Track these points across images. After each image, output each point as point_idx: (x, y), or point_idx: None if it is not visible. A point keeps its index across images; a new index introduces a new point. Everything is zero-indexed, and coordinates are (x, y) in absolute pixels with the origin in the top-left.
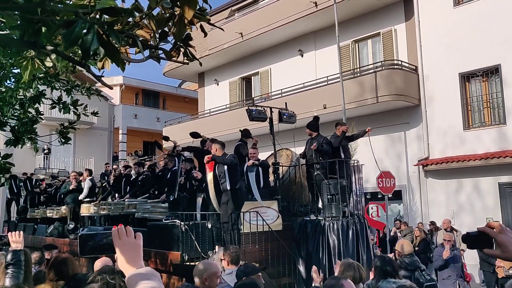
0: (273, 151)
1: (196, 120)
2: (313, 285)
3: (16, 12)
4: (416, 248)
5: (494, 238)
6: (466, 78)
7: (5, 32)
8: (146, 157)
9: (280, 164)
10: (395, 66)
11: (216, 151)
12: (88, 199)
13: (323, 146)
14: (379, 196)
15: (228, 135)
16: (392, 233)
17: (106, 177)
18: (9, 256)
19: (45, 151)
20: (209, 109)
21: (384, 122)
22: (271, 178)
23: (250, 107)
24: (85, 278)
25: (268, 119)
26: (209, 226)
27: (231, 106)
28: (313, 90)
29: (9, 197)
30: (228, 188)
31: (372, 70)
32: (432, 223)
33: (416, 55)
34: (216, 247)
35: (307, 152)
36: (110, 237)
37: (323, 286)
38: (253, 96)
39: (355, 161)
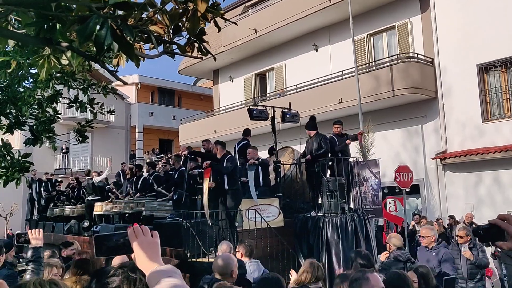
0: (274, 148)
1: (211, 117)
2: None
3: (31, 10)
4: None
5: (506, 230)
6: (484, 69)
7: (21, 31)
8: (162, 155)
9: (282, 162)
10: (411, 59)
11: (217, 151)
12: (96, 198)
13: (321, 145)
14: (397, 190)
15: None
16: (410, 227)
17: (122, 176)
18: (29, 253)
19: (64, 150)
20: (224, 106)
21: (401, 115)
22: (272, 176)
23: (251, 107)
24: (107, 271)
25: (270, 119)
26: (210, 224)
27: (246, 102)
28: (328, 85)
29: (35, 198)
30: (226, 187)
31: (387, 64)
32: (451, 217)
33: (432, 47)
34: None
35: (307, 152)
36: (127, 237)
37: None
38: (267, 92)
39: (355, 159)
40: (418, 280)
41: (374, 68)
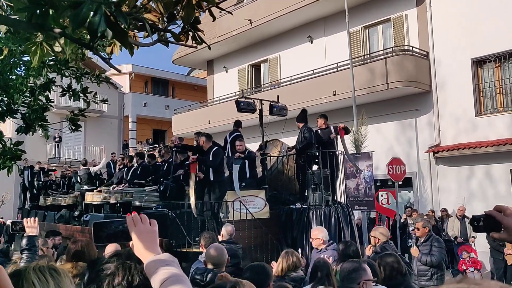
0: (264, 142)
1: (205, 108)
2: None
3: None
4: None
5: (501, 222)
6: (478, 63)
7: (13, 16)
8: (156, 145)
9: (268, 154)
10: (406, 52)
11: (203, 143)
12: (91, 188)
13: (305, 136)
14: (389, 183)
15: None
16: (402, 220)
17: (112, 166)
18: (24, 242)
19: (56, 139)
20: (218, 97)
21: (395, 108)
22: (259, 168)
23: (238, 99)
24: (101, 259)
25: (257, 111)
26: (195, 215)
27: (240, 93)
28: (323, 77)
29: (27, 186)
30: (212, 179)
31: (382, 56)
32: (444, 209)
33: (427, 40)
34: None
35: (296, 144)
36: (126, 224)
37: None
38: (262, 83)
39: (340, 152)
40: (379, 267)
41: (369, 60)
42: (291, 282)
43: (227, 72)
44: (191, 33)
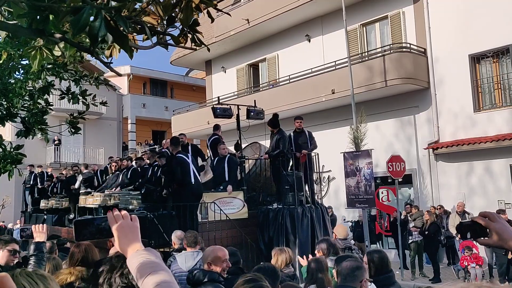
0: (245, 145)
1: (204, 108)
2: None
3: (23, 0)
4: (426, 232)
5: (488, 227)
6: (476, 59)
7: (13, 22)
8: (155, 146)
9: (246, 157)
10: (404, 49)
11: (172, 149)
12: (85, 191)
13: (278, 145)
14: (389, 180)
15: (235, 123)
16: (402, 217)
17: (109, 171)
18: (32, 248)
19: (56, 142)
20: (217, 97)
21: (394, 106)
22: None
23: (215, 106)
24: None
25: (235, 116)
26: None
27: (239, 93)
28: (321, 75)
29: (26, 187)
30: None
31: (380, 54)
32: (441, 206)
33: (424, 37)
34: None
35: (270, 148)
36: (108, 222)
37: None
38: (260, 83)
39: (315, 153)
40: (368, 263)
41: (367, 58)
42: (286, 278)
43: (225, 72)
44: (190, 35)
